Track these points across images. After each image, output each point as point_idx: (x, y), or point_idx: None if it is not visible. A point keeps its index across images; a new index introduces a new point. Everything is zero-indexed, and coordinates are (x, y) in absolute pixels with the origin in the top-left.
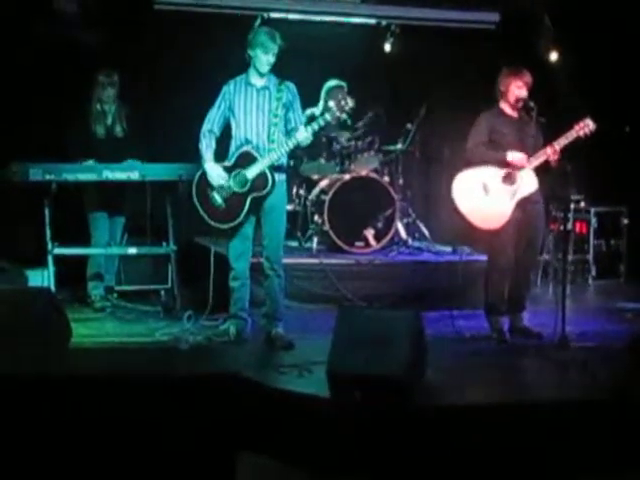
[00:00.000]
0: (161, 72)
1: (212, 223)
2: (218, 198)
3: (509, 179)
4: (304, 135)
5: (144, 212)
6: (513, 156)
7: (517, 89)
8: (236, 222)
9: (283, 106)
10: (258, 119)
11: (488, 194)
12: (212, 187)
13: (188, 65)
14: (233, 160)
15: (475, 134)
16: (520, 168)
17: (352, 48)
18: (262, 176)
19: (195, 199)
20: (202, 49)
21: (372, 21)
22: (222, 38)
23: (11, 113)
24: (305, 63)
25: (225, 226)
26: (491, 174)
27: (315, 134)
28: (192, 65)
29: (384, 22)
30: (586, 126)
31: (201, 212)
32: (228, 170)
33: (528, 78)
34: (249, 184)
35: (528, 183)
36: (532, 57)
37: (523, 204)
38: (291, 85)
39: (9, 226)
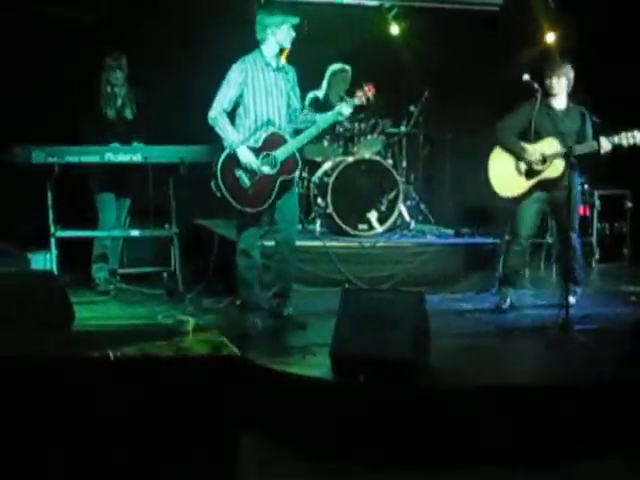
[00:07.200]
0: (168, 54)
1: (239, 207)
2: (247, 180)
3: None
4: (348, 110)
5: (147, 194)
6: (529, 155)
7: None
8: (265, 205)
9: (291, 88)
10: (278, 100)
11: (517, 164)
12: (240, 169)
13: (194, 47)
14: (261, 142)
15: (510, 116)
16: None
17: (354, 30)
18: (292, 158)
19: (220, 182)
20: (205, 30)
21: (375, 3)
22: (224, 19)
23: (16, 96)
24: (307, 45)
25: (251, 210)
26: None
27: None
28: (197, 47)
29: (387, 3)
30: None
31: (227, 196)
32: (255, 152)
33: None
34: (279, 166)
35: (554, 168)
36: (535, 39)
37: (545, 186)
38: (292, 67)
39: (12, 209)
